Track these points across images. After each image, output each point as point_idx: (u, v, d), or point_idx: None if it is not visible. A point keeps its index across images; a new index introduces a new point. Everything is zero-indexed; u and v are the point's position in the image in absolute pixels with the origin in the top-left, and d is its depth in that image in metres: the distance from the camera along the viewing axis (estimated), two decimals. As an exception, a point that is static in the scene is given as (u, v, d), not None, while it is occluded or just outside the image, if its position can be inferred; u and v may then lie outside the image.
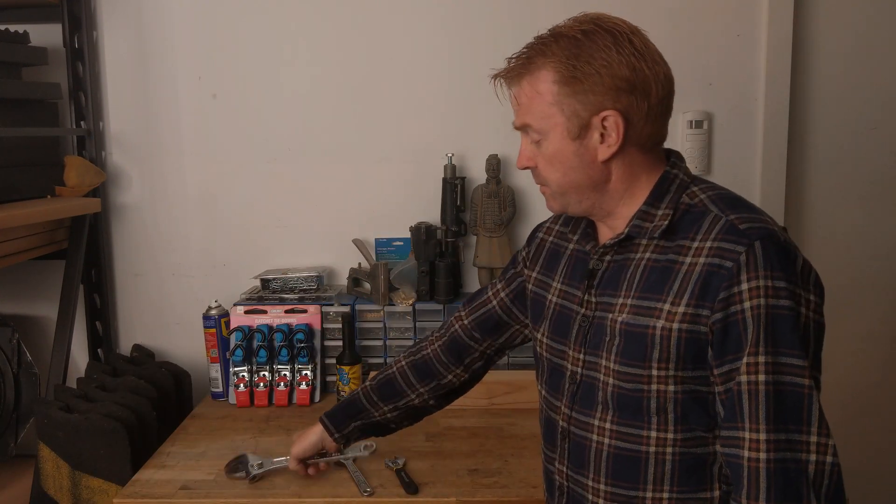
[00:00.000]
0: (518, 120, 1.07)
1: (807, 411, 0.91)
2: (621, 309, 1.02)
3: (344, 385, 1.85)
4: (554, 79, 1.01)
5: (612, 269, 1.06)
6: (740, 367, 0.93)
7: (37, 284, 2.09)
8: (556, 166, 1.04)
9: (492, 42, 2.01)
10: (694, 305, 0.96)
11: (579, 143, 1.02)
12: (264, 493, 1.44)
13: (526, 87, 1.04)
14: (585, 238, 1.13)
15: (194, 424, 1.78)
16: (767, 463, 0.91)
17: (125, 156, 2.08)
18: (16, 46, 1.88)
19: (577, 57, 0.99)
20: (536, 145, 1.06)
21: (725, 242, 0.95)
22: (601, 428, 1.05)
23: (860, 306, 2.10)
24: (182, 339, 2.11)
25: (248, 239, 2.09)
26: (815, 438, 0.91)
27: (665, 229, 1.01)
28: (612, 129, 1.00)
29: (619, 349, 1.02)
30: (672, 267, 0.99)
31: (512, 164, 2.05)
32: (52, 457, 1.64)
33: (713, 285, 0.94)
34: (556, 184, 1.06)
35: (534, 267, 1.23)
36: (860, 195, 2.10)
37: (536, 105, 1.03)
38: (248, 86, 2.05)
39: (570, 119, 1.01)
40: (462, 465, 1.54)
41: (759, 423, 0.92)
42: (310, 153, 2.06)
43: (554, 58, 1.00)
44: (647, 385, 0.99)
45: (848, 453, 2.15)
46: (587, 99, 0.99)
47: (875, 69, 2.07)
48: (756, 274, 0.92)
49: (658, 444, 1.00)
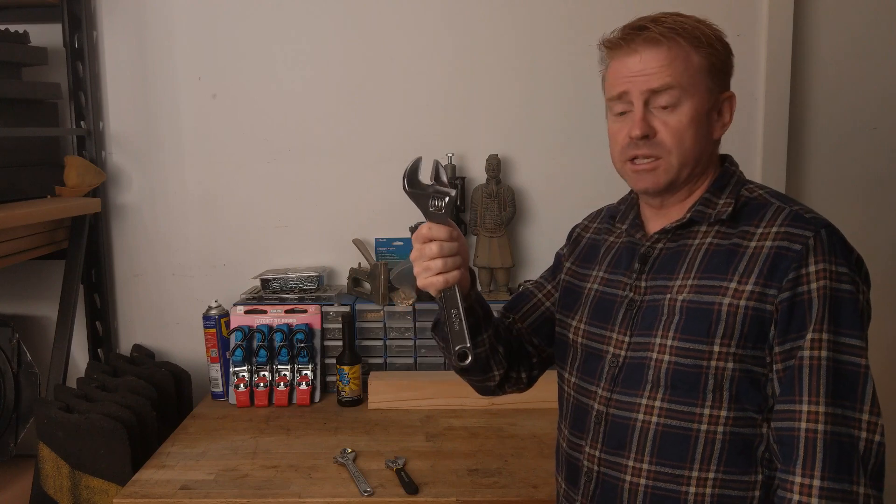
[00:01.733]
0: (657, 81, 1.05)
1: (861, 389, 0.97)
2: (680, 290, 1.06)
3: (344, 385, 1.86)
4: (705, 52, 1.06)
5: (666, 255, 1.10)
6: (803, 343, 0.97)
7: (37, 284, 2.09)
8: (690, 133, 1.06)
9: (492, 42, 2.02)
10: (762, 284, 1.00)
11: (707, 115, 1.07)
12: (264, 493, 1.44)
13: (676, 49, 1.05)
14: (635, 228, 1.16)
15: (194, 424, 1.78)
16: (825, 434, 0.95)
17: (125, 156, 2.08)
18: (16, 46, 1.88)
19: (717, 38, 1.07)
20: (664, 111, 1.06)
21: (794, 228, 1.01)
22: (649, 406, 1.06)
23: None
24: (182, 339, 2.11)
25: (248, 239, 2.10)
26: (867, 417, 0.96)
27: (729, 215, 1.06)
28: (727, 110, 1.10)
29: (678, 326, 1.04)
30: (737, 250, 1.04)
31: (512, 165, 2.05)
32: (52, 457, 1.64)
33: (782, 266, 0.99)
34: (684, 152, 1.07)
35: (568, 259, 1.27)
36: (860, 195, 2.10)
37: (685, 67, 1.05)
38: (248, 86, 2.05)
39: (710, 91, 1.07)
40: (462, 465, 1.54)
41: (819, 396, 0.96)
42: (310, 153, 2.06)
43: (692, 34, 1.05)
44: (707, 361, 1.02)
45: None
46: (720, 79, 1.08)
47: (875, 69, 2.07)
48: (823, 258, 0.99)
49: (710, 421, 1.02)
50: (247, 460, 1.57)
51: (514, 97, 2.03)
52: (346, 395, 1.86)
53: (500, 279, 2.00)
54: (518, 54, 2.02)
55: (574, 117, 2.02)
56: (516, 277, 2.07)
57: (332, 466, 1.54)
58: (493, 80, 2.03)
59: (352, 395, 1.86)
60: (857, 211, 2.10)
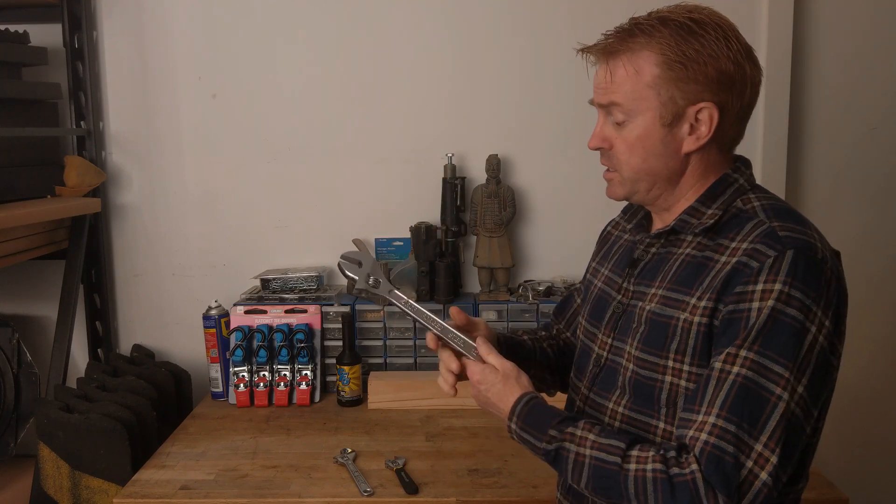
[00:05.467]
0: (604, 97, 1.02)
1: (766, 418, 0.89)
2: (652, 298, 1.03)
3: (344, 385, 1.85)
4: (657, 61, 0.97)
5: (655, 260, 1.07)
6: (720, 357, 0.92)
7: (37, 284, 2.09)
8: (637, 151, 1.01)
9: (492, 42, 2.02)
10: (714, 300, 0.95)
11: (668, 130, 1.00)
12: (264, 493, 1.44)
13: (623, 64, 0.99)
14: (639, 228, 1.13)
15: (194, 424, 1.78)
16: (705, 444, 0.89)
17: (125, 156, 2.08)
18: (16, 46, 1.88)
19: (686, 42, 0.96)
20: (617, 127, 1.02)
21: (761, 245, 0.94)
22: (614, 411, 1.06)
23: (860, 306, 2.09)
24: (182, 339, 2.11)
25: (248, 239, 2.10)
26: (760, 448, 0.88)
27: (708, 227, 1.01)
28: (704, 122, 0.99)
29: (642, 336, 1.03)
30: (706, 264, 0.99)
31: (512, 165, 2.05)
32: (52, 457, 1.64)
33: (733, 281, 0.94)
34: (633, 169, 1.03)
35: (594, 257, 1.25)
36: (860, 195, 2.10)
37: (632, 84, 0.99)
38: (248, 86, 2.04)
39: (665, 105, 0.98)
40: (462, 465, 1.54)
41: (713, 408, 0.90)
42: (310, 153, 2.06)
43: (661, 40, 0.97)
44: (661, 375, 1.00)
45: (848, 450, 2.15)
46: (688, 87, 0.97)
47: (875, 69, 2.06)
48: (775, 278, 0.91)
49: (665, 434, 1.01)
50: (247, 460, 1.57)
51: (514, 97, 2.03)
52: (346, 395, 1.86)
53: (500, 279, 2.00)
54: (518, 54, 2.01)
55: (574, 117, 2.02)
56: (516, 277, 2.07)
57: (332, 466, 1.54)
58: (493, 80, 2.03)
59: (352, 395, 1.86)
60: (857, 211, 2.10)
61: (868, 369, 2.13)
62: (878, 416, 2.17)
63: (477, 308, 1.94)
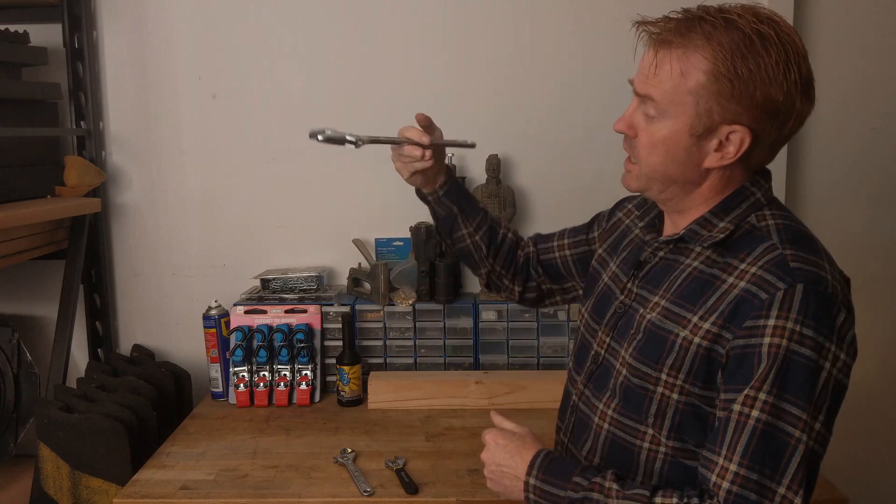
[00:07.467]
0: (643, 87, 0.98)
1: (787, 461, 0.89)
2: (653, 307, 1.03)
3: (344, 385, 1.85)
4: (707, 69, 0.92)
5: (661, 265, 1.06)
6: (738, 398, 0.91)
7: (37, 284, 2.09)
8: (658, 151, 0.98)
9: (492, 42, 2.01)
10: (720, 326, 0.94)
11: (695, 141, 0.96)
12: (264, 493, 1.44)
13: (671, 60, 0.94)
14: (650, 228, 1.11)
15: (194, 424, 1.78)
16: (728, 493, 0.90)
17: (125, 156, 2.08)
18: (16, 46, 1.88)
19: (742, 59, 0.91)
20: (647, 118, 0.98)
21: (770, 274, 0.92)
22: (604, 413, 1.07)
23: (860, 307, 2.09)
24: (182, 339, 2.11)
25: (248, 239, 2.10)
26: (783, 490, 0.88)
27: (718, 242, 0.99)
28: (733, 144, 0.95)
29: (638, 345, 1.03)
30: (713, 282, 0.97)
31: (512, 165, 2.05)
32: (52, 457, 1.64)
33: (742, 311, 0.92)
34: (650, 168, 1.00)
35: (602, 243, 1.24)
36: (860, 195, 2.10)
37: (673, 84, 0.94)
38: (248, 86, 2.04)
39: (700, 115, 0.94)
40: (462, 465, 1.54)
41: (734, 455, 0.90)
42: (310, 153, 2.06)
43: (719, 49, 0.91)
44: (653, 386, 1.00)
45: (848, 450, 2.15)
46: (729, 105, 0.93)
47: (875, 70, 2.06)
48: (787, 315, 0.89)
49: (652, 442, 1.02)
50: (247, 460, 1.57)
51: (515, 97, 2.03)
52: (346, 395, 1.86)
53: (500, 279, 2.00)
54: (519, 54, 2.01)
55: (575, 117, 2.02)
56: (516, 277, 2.07)
57: (332, 466, 1.54)
58: (493, 80, 2.03)
59: (352, 395, 1.86)
60: (857, 211, 2.10)
61: (868, 370, 2.12)
62: (878, 417, 2.17)
63: (477, 308, 1.94)
